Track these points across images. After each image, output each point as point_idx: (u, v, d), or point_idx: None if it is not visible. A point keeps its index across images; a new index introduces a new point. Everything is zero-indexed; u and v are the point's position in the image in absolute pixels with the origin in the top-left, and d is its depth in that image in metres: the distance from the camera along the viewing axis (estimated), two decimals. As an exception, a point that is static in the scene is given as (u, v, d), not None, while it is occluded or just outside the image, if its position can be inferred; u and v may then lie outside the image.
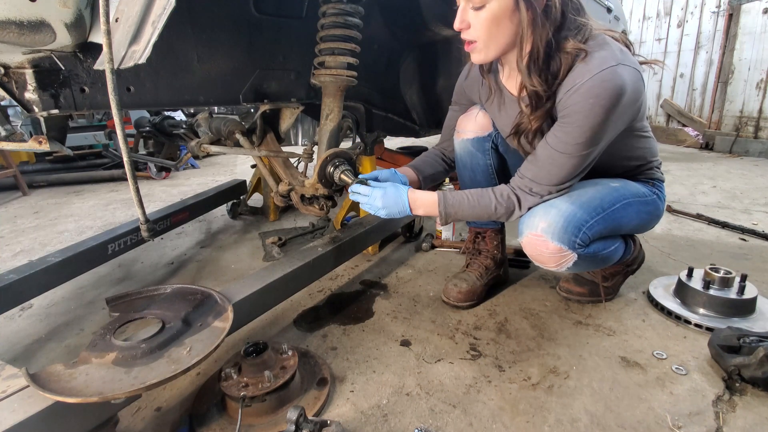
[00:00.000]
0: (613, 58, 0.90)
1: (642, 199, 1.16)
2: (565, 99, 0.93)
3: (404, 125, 2.24)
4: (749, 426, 0.88)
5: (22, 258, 1.89)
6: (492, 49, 0.97)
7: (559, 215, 1.04)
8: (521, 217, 1.11)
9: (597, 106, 0.90)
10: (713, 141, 4.40)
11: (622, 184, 1.15)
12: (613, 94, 0.89)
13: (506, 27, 0.92)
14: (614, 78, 0.89)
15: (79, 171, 3.55)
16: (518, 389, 1.00)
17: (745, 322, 1.20)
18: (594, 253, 1.11)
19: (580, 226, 1.04)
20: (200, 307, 0.93)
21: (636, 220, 1.17)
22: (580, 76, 0.90)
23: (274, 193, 1.44)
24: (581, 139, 0.94)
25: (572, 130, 0.94)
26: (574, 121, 0.93)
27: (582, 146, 0.95)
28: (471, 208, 1.09)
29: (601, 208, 1.08)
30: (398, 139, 4.55)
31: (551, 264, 1.09)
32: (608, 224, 1.10)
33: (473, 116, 1.27)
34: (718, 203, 2.48)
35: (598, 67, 0.89)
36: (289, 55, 1.42)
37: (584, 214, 1.05)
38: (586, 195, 1.08)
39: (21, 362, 1.14)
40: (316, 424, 0.79)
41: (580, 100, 0.91)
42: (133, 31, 0.74)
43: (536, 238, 1.05)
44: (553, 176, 1.02)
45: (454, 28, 0.97)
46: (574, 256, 1.06)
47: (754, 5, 4.00)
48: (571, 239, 1.04)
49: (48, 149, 0.99)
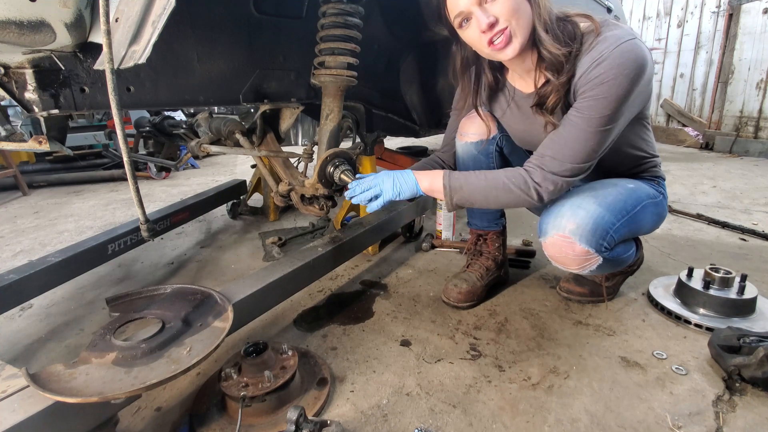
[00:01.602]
0: (629, 34, 0.91)
1: (654, 200, 1.15)
2: (587, 73, 0.92)
3: (404, 125, 2.24)
4: (749, 426, 0.88)
5: (22, 258, 1.89)
6: (523, 28, 0.93)
7: (588, 217, 1.01)
8: (544, 217, 1.08)
9: (621, 76, 0.89)
10: (713, 141, 4.40)
11: (636, 185, 1.13)
12: (637, 64, 0.89)
13: (524, 7, 0.92)
14: (635, 49, 0.89)
15: (79, 171, 3.56)
16: (518, 389, 1.00)
17: (745, 322, 1.20)
18: (617, 256, 1.09)
19: (608, 229, 1.03)
20: (200, 307, 0.93)
21: (651, 223, 1.17)
22: (602, 49, 0.90)
23: (274, 193, 1.44)
24: (607, 111, 0.92)
25: (596, 103, 0.92)
26: (599, 93, 0.92)
27: (606, 119, 0.93)
28: (478, 181, 1.04)
29: (625, 211, 1.07)
30: (398, 139, 4.55)
31: (574, 266, 1.07)
32: (631, 227, 1.09)
33: (476, 118, 1.25)
34: (718, 203, 2.48)
35: (619, 40, 0.90)
36: (289, 55, 1.42)
37: (611, 217, 1.03)
38: (610, 196, 1.06)
39: (21, 362, 1.14)
40: (316, 424, 0.79)
41: (604, 71, 0.90)
42: (133, 31, 0.74)
43: (563, 239, 1.03)
44: (576, 153, 0.97)
45: (482, 29, 0.92)
46: (600, 260, 1.04)
47: (754, 5, 4.00)
48: (599, 242, 1.02)
49: (48, 149, 0.99)
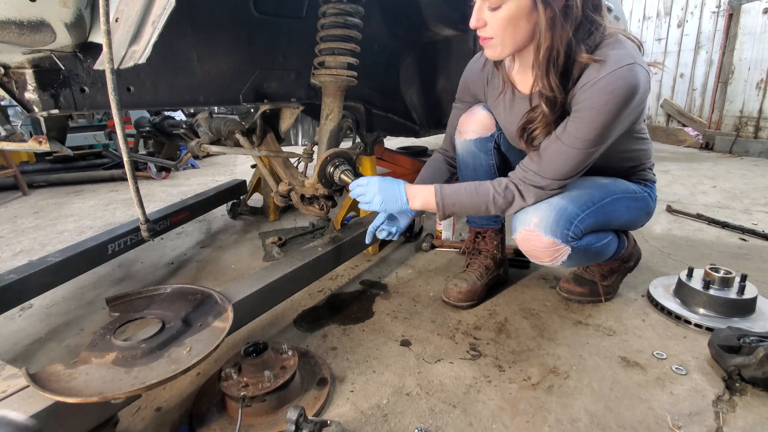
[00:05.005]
0: (628, 57, 0.90)
1: (632, 195, 1.18)
2: (579, 93, 0.93)
3: (404, 125, 2.24)
4: (749, 426, 0.88)
5: (22, 258, 1.89)
6: (508, 47, 0.96)
7: (550, 209, 1.05)
8: (515, 216, 1.11)
9: (611, 103, 0.90)
10: (713, 141, 4.39)
11: (611, 181, 1.17)
12: (628, 92, 0.89)
13: (523, 27, 0.91)
14: (629, 76, 0.89)
15: (79, 171, 3.55)
16: (518, 389, 1.00)
17: (745, 322, 1.20)
18: (587, 246, 1.11)
19: (572, 219, 1.06)
20: (200, 307, 0.93)
21: (626, 215, 1.18)
22: (596, 72, 0.90)
23: (274, 193, 1.44)
24: (591, 135, 0.94)
25: (584, 126, 0.94)
26: (586, 117, 0.93)
27: (591, 143, 0.95)
28: (469, 197, 1.08)
29: (591, 202, 1.09)
30: (398, 139, 4.55)
31: (546, 258, 1.10)
32: (599, 218, 1.11)
33: (475, 116, 1.26)
34: (718, 203, 2.48)
35: (615, 64, 0.89)
36: (289, 55, 1.42)
37: (575, 208, 1.06)
38: (576, 190, 1.09)
39: (21, 362, 1.14)
40: (316, 424, 0.79)
41: (594, 96, 0.90)
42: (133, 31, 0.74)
43: (529, 233, 1.07)
44: (558, 169, 1.02)
45: (470, 26, 0.96)
46: (568, 250, 1.07)
47: (754, 5, 4.00)
48: (564, 232, 1.05)
49: (48, 149, 0.99)
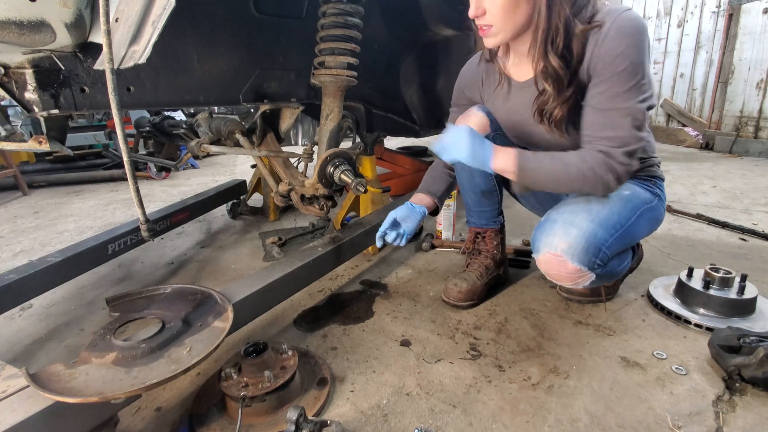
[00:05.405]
0: (621, 7, 0.93)
1: (650, 205, 1.14)
2: (594, 56, 0.93)
3: (404, 125, 2.24)
4: (749, 426, 0.88)
5: (22, 258, 1.89)
6: (508, 32, 0.96)
7: (580, 236, 1.01)
8: (536, 233, 1.08)
9: (630, 44, 0.90)
10: (713, 141, 4.39)
11: (632, 192, 1.12)
12: (639, 28, 0.91)
13: (523, 9, 0.92)
14: (632, 16, 0.92)
15: (79, 171, 3.56)
16: (518, 389, 1.00)
17: (745, 322, 1.20)
18: (610, 270, 1.10)
19: (600, 246, 1.02)
20: (200, 307, 0.93)
21: (646, 230, 1.16)
22: (601, 30, 0.91)
23: (274, 193, 1.44)
24: (630, 82, 0.91)
25: (617, 78, 0.92)
26: (613, 69, 0.91)
27: (633, 90, 0.92)
28: (551, 162, 1.00)
29: (619, 224, 1.06)
30: (398, 139, 4.55)
31: (566, 282, 1.07)
32: (625, 240, 1.09)
33: (470, 117, 1.26)
34: (718, 203, 2.48)
35: (614, 15, 0.92)
36: (289, 55, 1.42)
37: (604, 233, 1.03)
38: (604, 209, 1.05)
39: (21, 362, 1.14)
40: (316, 424, 0.79)
41: (612, 46, 0.90)
42: (133, 31, 0.74)
43: (555, 257, 1.03)
44: (624, 137, 0.94)
45: (470, 15, 0.96)
46: (592, 276, 1.05)
47: (754, 5, 4.00)
48: (591, 260, 1.02)
49: (48, 149, 0.99)
